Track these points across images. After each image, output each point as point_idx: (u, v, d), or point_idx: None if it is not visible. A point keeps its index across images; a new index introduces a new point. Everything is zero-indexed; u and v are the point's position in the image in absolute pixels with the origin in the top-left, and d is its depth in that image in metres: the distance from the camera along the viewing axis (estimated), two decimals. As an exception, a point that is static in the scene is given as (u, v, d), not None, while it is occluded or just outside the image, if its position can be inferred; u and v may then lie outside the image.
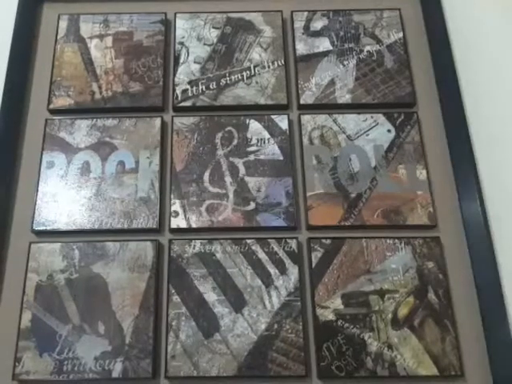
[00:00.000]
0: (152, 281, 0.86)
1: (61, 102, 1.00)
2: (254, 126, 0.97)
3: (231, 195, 0.92)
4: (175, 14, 1.07)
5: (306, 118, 0.98)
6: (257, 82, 1.01)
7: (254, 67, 1.02)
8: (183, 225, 0.90)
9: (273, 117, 0.98)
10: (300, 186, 0.94)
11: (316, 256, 0.88)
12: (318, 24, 1.06)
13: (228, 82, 1.01)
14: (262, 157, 0.95)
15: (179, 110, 1.00)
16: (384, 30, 1.06)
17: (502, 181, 0.94)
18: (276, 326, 0.84)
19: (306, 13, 1.07)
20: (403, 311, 0.84)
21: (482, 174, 0.94)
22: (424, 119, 0.99)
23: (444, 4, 1.07)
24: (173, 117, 0.98)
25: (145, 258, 0.88)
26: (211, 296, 0.86)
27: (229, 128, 0.97)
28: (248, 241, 0.89)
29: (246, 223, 0.90)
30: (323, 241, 0.89)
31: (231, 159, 0.95)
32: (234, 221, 0.90)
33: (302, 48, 1.04)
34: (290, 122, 0.98)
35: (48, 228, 0.90)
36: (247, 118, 0.98)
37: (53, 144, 0.96)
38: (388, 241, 0.89)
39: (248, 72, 1.02)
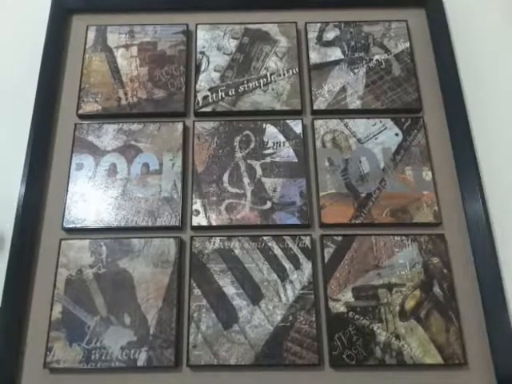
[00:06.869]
0: (175, 275, 0.89)
1: (89, 107, 1.03)
2: (270, 130, 1.00)
3: (249, 195, 0.95)
4: (196, 25, 1.10)
5: (318, 123, 1.01)
6: (273, 89, 1.03)
7: (271, 75, 1.05)
8: (204, 223, 0.93)
9: (288, 121, 1.01)
10: (313, 187, 0.97)
11: (328, 252, 0.91)
12: (330, 34, 1.09)
13: (246, 88, 1.04)
14: (277, 159, 0.98)
15: (200, 115, 1.03)
16: (392, 40, 1.08)
17: (502, 181, 0.97)
18: (291, 317, 0.87)
19: (319, 24, 1.10)
20: (410, 304, 0.87)
21: (483, 175, 0.96)
22: (429, 124, 1.02)
23: (448, 15, 1.10)
24: (194, 121, 1.01)
25: (168, 253, 0.91)
26: (230, 289, 0.89)
27: (246, 132, 1.00)
28: (264, 238, 0.92)
29: (262, 221, 0.93)
30: (335, 238, 0.92)
31: (249, 161, 0.98)
32: (252, 219, 0.93)
33: (315, 57, 1.07)
34: (304, 127, 1.01)
35: (77, 226, 0.93)
36: (264, 122, 1.01)
37: (82, 147, 0.99)
38: (396, 238, 0.92)
39: (265, 79, 1.04)
